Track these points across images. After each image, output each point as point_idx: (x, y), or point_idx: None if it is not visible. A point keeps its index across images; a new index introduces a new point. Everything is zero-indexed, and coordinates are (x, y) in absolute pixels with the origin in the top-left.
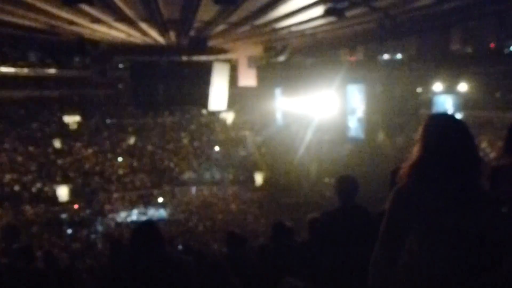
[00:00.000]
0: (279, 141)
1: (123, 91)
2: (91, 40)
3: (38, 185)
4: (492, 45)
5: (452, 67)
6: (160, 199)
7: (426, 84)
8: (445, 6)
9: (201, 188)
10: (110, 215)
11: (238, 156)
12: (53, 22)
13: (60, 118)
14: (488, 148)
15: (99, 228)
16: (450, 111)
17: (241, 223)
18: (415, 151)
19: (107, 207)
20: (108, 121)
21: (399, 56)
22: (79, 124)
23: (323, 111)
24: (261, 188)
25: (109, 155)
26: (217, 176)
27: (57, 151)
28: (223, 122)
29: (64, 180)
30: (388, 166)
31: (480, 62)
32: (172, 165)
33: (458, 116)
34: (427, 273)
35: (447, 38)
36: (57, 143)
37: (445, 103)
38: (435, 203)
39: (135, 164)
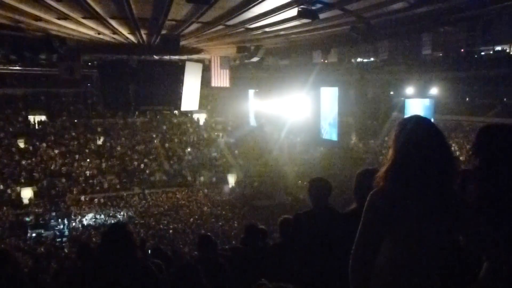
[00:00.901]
0: (252, 143)
1: (92, 90)
2: (58, 37)
3: (1, 187)
4: (462, 50)
5: (424, 71)
6: (130, 201)
7: (399, 87)
8: (417, 11)
9: (173, 190)
10: (77, 218)
11: (210, 157)
12: (18, 17)
13: (25, 117)
14: (457, 152)
15: (66, 231)
16: (421, 115)
17: (213, 226)
18: (390, 155)
19: (74, 209)
20: (75, 120)
21: (372, 59)
22: (45, 123)
23: (297, 113)
24: (234, 190)
25: (77, 156)
26: (189, 177)
27: (21, 152)
28: (195, 123)
29: (29, 182)
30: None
31: (451, 67)
32: (142, 166)
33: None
34: (402, 276)
35: (419, 42)
36: (21, 143)
37: (417, 107)
38: (411, 207)
39: (103, 165)
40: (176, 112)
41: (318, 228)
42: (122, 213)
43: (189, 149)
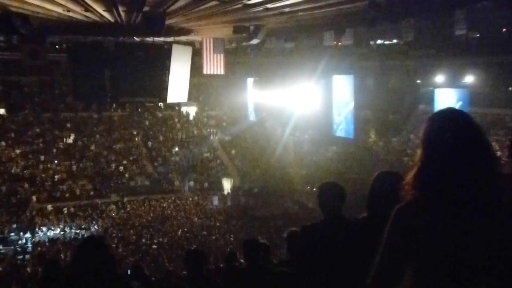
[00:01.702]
0: (251, 141)
1: (61, 78)
2: (20, 15)
3: None
4: (504, 30)
5: (457, 55)
6: (106, 211)
7: (426, 75)
8: None
9: (157, 198)
10: (43, 231)
11: (202, 158)
12: None
13: None
14: (498, 152)
15: (29, 246)
16: (455, 107)
17: (205, 240)
18: (418, 157)
19: (39, 220)
20: (41, 114)
21: (394, 41)
22: (4, 118)
23: (304, 106)
24: (230, 197)
25: (42, 157)
26: (177, 182)
27: None
28: (184, 118)
29: None
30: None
31: (489, 50)
32: (121, 169)
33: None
34: None
35: (451, 22)
36: None
37: (449, 98)
38: (442, 226)
39: (74, 167)
40: (161, 104)
41: (330, 242)
42: (96, 224)
43: (176, 149)
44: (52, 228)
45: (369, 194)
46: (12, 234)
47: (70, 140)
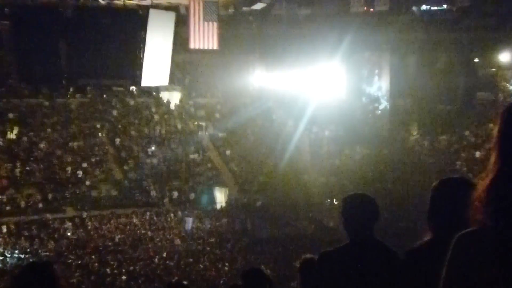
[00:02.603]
0: (253, 139)
1: (1, 53)
2: None
3: None
4: None
5: None
6: (60, 229)
7: (487, 52)
8: None
9: (127, 213)
10: None
11: (187, 161)
12: None
13: None
14: None
15: None
16: None
17: (190, 270)
18: (492, 163)
19: None
20: None
21: (444, 7)
22: None
23: (325, 93)
24: (224, 212)
25: None
26: (154, 193)
27: None
28: (164, 107)
29: None
30: (427, 180)
31: None
32: (80, 174)
33: None
34: None
35: None
36: None
37: None
38: None
39: (18, 172)
40: (133, 89)
41: (357, 274)
42: (47, 248)
43: (153, 148)
44: None
45: (429, 212)
46: None
47: (13, 135)
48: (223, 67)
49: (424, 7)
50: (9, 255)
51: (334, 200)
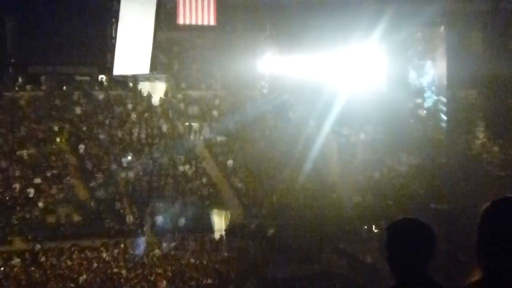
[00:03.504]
0: (264, 144)
1: None
2: None
3: None
4: None
5: None
6: (6, 267)
7: None
8: None
9: (95, 245)
10: None
11: (176, 174)
12: None
13: None
14: None
15: None
16: None
17: None
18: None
19: None
20: None
21: None
22: None
23: (357, 84)
24: (225, 243)
25: None
26: (130, 217)
27: None
28: (144, 102)
29: None
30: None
31: None
32: (31, 193)
33: None
34: None
35: None
36: None
37: None
38: None
39: None
40: (102, 78)
41: None
42: None
43: (129, 158)
44: None
45: (479, 243)
46: None
47: None
48: (222, 49)
49: None
50: None
51: (373, 227)
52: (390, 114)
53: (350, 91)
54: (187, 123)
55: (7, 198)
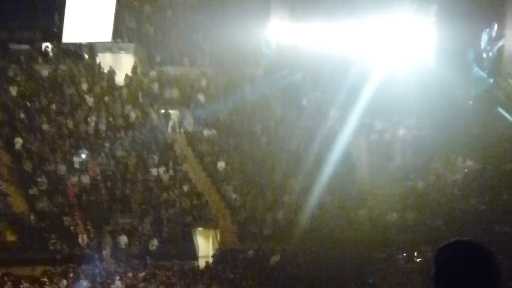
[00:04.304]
0: (267, 141)
1: None
2: None
3: None
4: None
5: None
6: None
7: None
8: None
9: (34, 274)
10: None
11: (147, 180)
12: None
13: None
14: None
15: None
16: None
17: None
18: None
19: None
20: None
21: None
22: None
23: (395, 61)
24: (212, 274)
25: None
26: (84, 238)
27: None
28: (104, 81)
29: None
30: None
31: None
32: None
33: None
34: None
35: None
36: None
37: None
38: None
39: None
40: (47, 47)
41: None
42: None
43: (83, 156)
44: None
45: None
46: None
47: None
48: (213, 10)
49: None
50: None
51: (415, 254)
52: (441, 103)
53: (386, 71)
54: (163, 111)
55: None
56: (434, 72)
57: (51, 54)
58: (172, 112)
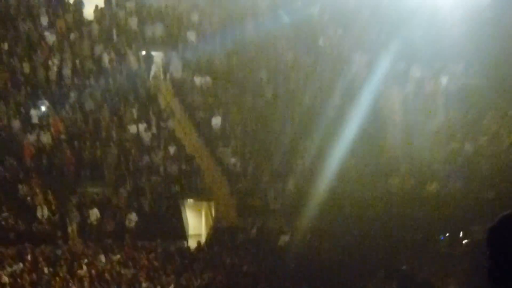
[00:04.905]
0: (273, 91)
1: None
2: None
3: None
4: None
5: None
6: None
7: None
8: None
9: None
10: None
11: (123, 139)
12: None
13: None
14: None
15: None
16: None
17: None
18: None
19: None
20: None
21: None
22: None
23: None
24: (205, 258)
25: None
26: (44, 212)
27: None
28: (69, 14)
29: None
30: None
31: None
32: None
33: None
34: None
35: None
36: None
37: None
38: None
39: None
40: None
41: None
42: None
43: (43, 108)
44: None
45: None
46: None
47: None
48: None
49: None
50: None
51: (460, 234)
52: (497, 44)
53: (426, 4)
54: (143, 52)
55: None
56: (488, 4)
57: None
58: (155, 54)
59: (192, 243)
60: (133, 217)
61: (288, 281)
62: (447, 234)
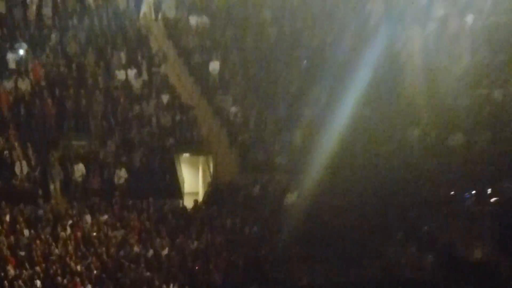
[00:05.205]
0: (280, 32)
1: None
2: None
3: None
4: None
5: None
6: None
7: None
8: None
9: None
10: None
11: (110, 87)
12: None
13: None
14: None
15: None
16: None
17: None
18: None
19: None
20: None
21: None
22: None
23: None
24: (203, 217)
25: None
26: (23, 166)
27: None
28: None
29: None
30: None
31: None
32: None
33: None
34: None
35: None
36: None
37: None
38: None
39: None
40: None
41: None
42: None
43: (21, 52)
44: None
45: None
46: None
47: None
48: None
49: None
50: None
51: (488, 191)
52: None
53: None
54: None
55: None
56: None
57: None
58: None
59: (188, 202)
60: (122, 173)
61: (295, 245)
62: (474, 191)
